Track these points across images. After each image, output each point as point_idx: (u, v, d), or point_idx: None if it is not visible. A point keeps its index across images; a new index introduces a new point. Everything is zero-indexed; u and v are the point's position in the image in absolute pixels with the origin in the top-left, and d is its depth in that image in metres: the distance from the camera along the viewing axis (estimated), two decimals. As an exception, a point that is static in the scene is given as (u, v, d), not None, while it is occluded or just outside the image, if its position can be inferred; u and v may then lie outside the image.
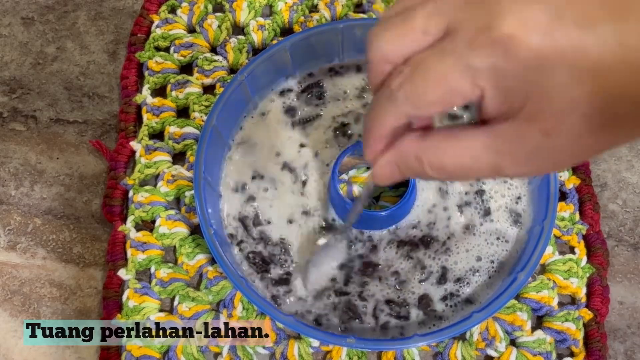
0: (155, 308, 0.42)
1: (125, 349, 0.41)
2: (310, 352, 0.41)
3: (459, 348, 0.41)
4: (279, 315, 0.37)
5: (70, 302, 0.43)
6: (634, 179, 0.46)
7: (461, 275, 0.41)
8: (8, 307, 0.43)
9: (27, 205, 0.46)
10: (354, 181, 0.45)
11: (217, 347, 0.41)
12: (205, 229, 0.39)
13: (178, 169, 0.45)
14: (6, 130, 0.48)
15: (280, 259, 0.41)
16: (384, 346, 0.39)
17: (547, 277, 0.42)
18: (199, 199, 0.40)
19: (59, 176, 0.47)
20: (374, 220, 0.41)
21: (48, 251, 0.44)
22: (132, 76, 0.48)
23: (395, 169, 0.28)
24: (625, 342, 0.42)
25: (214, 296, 0.42)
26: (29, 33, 0.51)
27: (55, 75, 0.50)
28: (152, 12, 0.51)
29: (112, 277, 0.42)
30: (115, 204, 0.44)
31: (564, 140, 0.24)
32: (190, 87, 0.48)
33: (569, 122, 0.23)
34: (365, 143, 0.29)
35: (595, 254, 0.43)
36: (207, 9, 0.51)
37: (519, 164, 0.25)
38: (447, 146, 0.26)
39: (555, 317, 0.41)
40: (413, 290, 0.40)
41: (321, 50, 0.45)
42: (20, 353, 0.42)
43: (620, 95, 0.23)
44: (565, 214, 0.44)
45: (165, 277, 0.42)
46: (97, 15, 0.52)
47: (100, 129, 0.48)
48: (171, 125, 0.47)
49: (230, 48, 0.49)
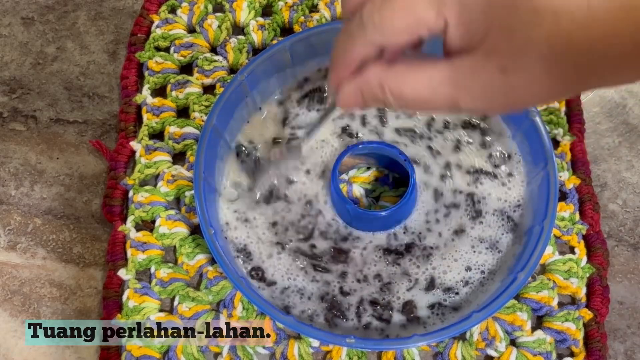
0: (155, 308, 0.42)
1: (125, 349, 0.41)
2: (310, 352, 0.41)
3: (459, 348, 0.41)
4: (279, 315, 0.37)
5: (70, 302, 0.43)
6: (634, 179, 0.46)
7: (451, 285, 0.41)
8: (8, 307, 0.43)
9: (27, 205, 0.46)
10: (353, 181, 0.45)
11: (217, 347, 0.41)
12: (205, 229, 0.39)
13: (178, 169, 0.45)
14: (6, 130, 0.48)
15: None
16: (384, 346, 0.39)
17: (547, 277, 0.42)
18: (199, 199, 0.40)
19: (59, 176, 0.47)
20: (374, 220, 0.41)
21: (48, 251, 0.45)
22: (132, 76, 0.48)
23: (358, 95, 0.29)
24: (625, 342, 0.42)
25: (214, 296, 0.42)
26: (29, 33, 0.51)
27: (55, 75, 0.50)
28: (152, 12, 0.51)
29: (112, 277, 0.42)
30: (115, 204, 0.44)
31: (521, 80, 0.24)
32: (190, 87, 0.48)
33: (526, 61, 0.24)
34: (332, 68, 0.29)
35: (595, 254, 0.43)
36: (207, 9, 0.51)
37: (474, 98, 0.26)
38: (408, 75, 0.27)
39: (555, 317, 0.41)
40: (398, 295, 0.40)
41: (321, 50, 0.45)
42: (20, 353, 0.42)
43: (581, 45, 0.23)
44: (565, 214, 0.44)
45: (165, 277, 0.42)
46: (97, 15, 0.52)
47: (100, 129, 0.48)
48: (171, 125, 0.47)
49: (230, 48, 0.49)
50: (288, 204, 0.43)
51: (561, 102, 0.47)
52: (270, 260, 0.41)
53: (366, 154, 0.44)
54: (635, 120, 0.48)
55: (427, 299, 0.40)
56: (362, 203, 0.44)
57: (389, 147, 0.42)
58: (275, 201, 0.43)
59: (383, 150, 0.42)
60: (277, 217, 0.43)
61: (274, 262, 0.41)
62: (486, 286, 0.40)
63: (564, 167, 0.45)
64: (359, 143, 0.42)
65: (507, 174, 0.43)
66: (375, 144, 0.42)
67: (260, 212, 0.43)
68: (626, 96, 0.49)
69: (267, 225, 0.42)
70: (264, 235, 0.42)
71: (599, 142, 0.48)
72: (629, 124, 0.48)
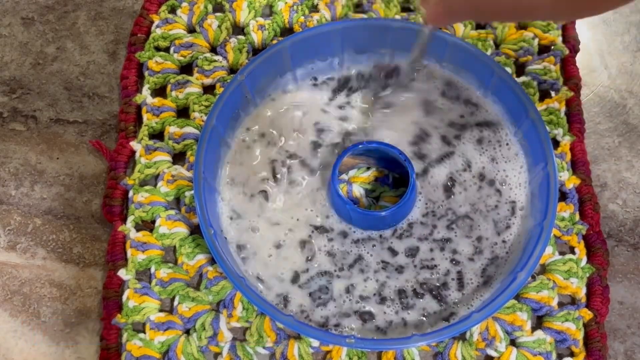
0: (155, 308, 0.42)
1: (125, 349, 0.41)
2: (310, 352, 0.41)
3: (459, 348, 0.41)
4: (279, 315, 0.37)
5: (70, 302, 0.43)
6: (634, 179, 0.46)
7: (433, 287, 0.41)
8: (8, 307, 0.43)
9: (27, 205, 0.46)
10: (353, 181, 0.45)
11: (217, 347, 0.41)
12: (205, 229, 0.39)
13: (178, 169, 0.45)
14: (6, 130, 0.48)
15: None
16: (384, 346, 0.39)
17: (547, 277, 0.42)
18: (199, 199, 0.40)
19: (59, 176, 0.47)
20: (374, 220, 0.41)
21: (48, 251, 0.45)
22: (132, 76, 0.48)
23: (440, 5, 0.28)
24: (625, 342, 0.42)
25: (214, 296, 0.42)
26: (29, 33, 0.51)
27: (55, 75, 0.50)
28: (152, 12, 0.51)
29: (112, 277, 0.42)
30: (115, 204, 0.44)
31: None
32: (190, 87, 0.48)
33: None
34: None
35: (595, 254, 0.43)
36: (207, 9, 0.51)
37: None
38: None
39: (555, 317, 0.41)
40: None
41: (321, 50, 0.45)
42: (20, 353, 0.42)
43: None
44: (565, 214, 0.44)
45: (165, 277, 0.42)
46: (97, 15, 0.52)
47: (100, 129, 0.48)
48: (171, 125, 0.47)
49: (230, 48, 0.49)
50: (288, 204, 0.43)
51: (561, 102, 0.47)
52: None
53: (366, 154, 0.44)
54: (635, 120, 0.48)
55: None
56: (362, 203, 0.44)
57: (389, 147, 0.42)
58: (274, 200, 0.43)
59: (383, 150, 0.42)
60: (277, 217, 0.43)
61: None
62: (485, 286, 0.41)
63: (564, 167, 0.45)
64: (359, 143, 0.42)
65: (506, 173, 0.43)
66: (375, 144, 0.42)
67: (261, 212, 0.43)
68: (626, 96, 0.49)
69: (267, 225, 0.42)
70: (264, 235, 0.42)
71: (599, 142, 0.48)
72: (629, 124, 0.48)
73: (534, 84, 0.47)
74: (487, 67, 0.43)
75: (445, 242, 0.42)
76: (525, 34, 0.49)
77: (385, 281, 0.41)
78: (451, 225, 0.42)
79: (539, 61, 0.48)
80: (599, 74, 0.50)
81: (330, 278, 0.41)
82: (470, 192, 0.43)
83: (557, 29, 0.49)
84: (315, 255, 0.42)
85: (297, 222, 0.42)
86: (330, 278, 0.41)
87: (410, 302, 0.40)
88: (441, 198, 0.43)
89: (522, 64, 0.49)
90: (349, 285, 0.41)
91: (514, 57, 0.48)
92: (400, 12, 0.50)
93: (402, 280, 0.41)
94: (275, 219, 0.43)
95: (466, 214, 0.42)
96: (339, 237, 0.42)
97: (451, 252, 0.41)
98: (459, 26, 0.49)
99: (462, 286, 0.41)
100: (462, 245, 0.42)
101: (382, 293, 0.40)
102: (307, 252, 0.42)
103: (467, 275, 0.41)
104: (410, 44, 0.38)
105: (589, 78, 0.50)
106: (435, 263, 0.41)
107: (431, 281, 0.41)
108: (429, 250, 0.42)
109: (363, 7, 0.51)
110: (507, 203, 0.42)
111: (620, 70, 0.50)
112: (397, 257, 0.41)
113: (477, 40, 0.49)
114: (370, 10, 0.50)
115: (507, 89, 0.43)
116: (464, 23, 0.49)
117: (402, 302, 0.40)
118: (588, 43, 0.51)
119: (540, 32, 0.49)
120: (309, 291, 0.41)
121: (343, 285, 0.41)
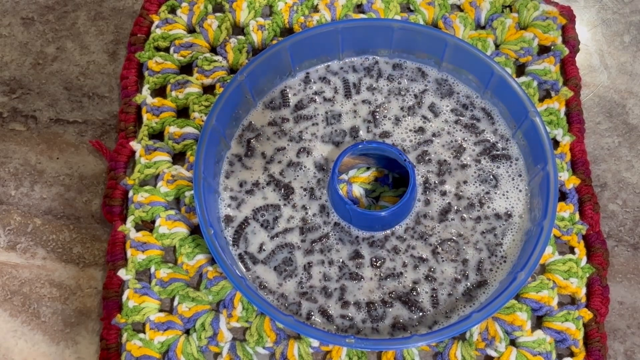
0: (155, 308, 0.42)
1: (125, 349, 0.41)
2: (310, 352, 0.41)
3: (459, 348, 0.41)
4: (279, 315, 0.37)
5: (70, 302, 0.43)
6: (634, 179, 0.46)
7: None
8: (8, 307, 0.43)
9: (27, 205, 0.46)
10: (353, 181, 0.45)
11: (217, 347, 0.41)
12: (205, 229, 0.39)
13: (178, 169, 0.45)
14: (6, 130, 0.48)
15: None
16: (383, 346, 0.39)
17: (547, 277, 0.42)
18: (199, 199, 0.40)
19: (59, 176, 0.47)
20: (374, 220, 0.41)
21: (48, 251, 0.45)
22: (132, 76, 0.48)
23: None
24: (625, 342, 0.42)
25: (214, 296, 0.42)
26: (29, 33, 0.51)
27: (55, 75, 0.50)
28: (152, 12, 0.51)
29: (112, 277, 0.43)
30: (115, 204, 0.44)
31: None
32: (190, 87, 0.48)
33: None
34: None
35: (595, 254, 0.43)
36: (207, 9, 0.51)
37: None
38: None
39: (555, 317, 0.41)
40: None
41: (321, 50, 0.45)
42: (20, 353, 0.42)
43: None
44: (565, 214, 0.44)
45: (165, 277, 0.42)
46: (97, 15, 0.52)
47: (100, 129, 0.48)
48: (171, 125, 0.47)
49: (230, 48, 0.49)
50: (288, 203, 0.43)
51: (561, 103, 0.47)
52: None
53: (366, 154, 0.44)
54: (635, 120, 0.48)
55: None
56: (362, 203, 0.44)
57: (389, 147, 0.42)
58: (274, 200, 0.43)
59: (383, 150, 0.42)
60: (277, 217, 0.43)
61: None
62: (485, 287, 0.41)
63: (564, 167, 0.45)
64: (359, 143, 0.42)
65: (506, 173, 0.43)
66: (375, 144, 0.42)
67: (261, 212, 0.43)
68: (626, 96, 0.49)
69: (267, 225, 0.42)
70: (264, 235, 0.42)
71: (599, 142, 0.48)
72: (629, 124, 0.48)
73: (534, 84, 0.47)
74: (487, 67, 0.43)
75: (455, 239, 0.42)
76: (525, 34, 0.49)
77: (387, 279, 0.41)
78: (457, 213, 0.42)
79: (539, 61, 0.48)
80: (598, 74, 0.50)
81: (330, 283, 0.41)
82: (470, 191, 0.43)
83: (557, 29, 0.49)
84: (314, 259, 0.42)
85: (297, 222, 0.42)
86: (329, 283, 0.41)
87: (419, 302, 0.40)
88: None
89: (522, 64, 0.49)
90: (356, 288, 0.41)
91: (514, 57, 0.49)
92: (400, 12, 0.50)
93: (402, 280, 0.41)
94: (275, 219, 0.43)
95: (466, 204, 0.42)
96: (338, 235, 0.42)
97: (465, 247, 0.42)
98: (459, 26, 0.49)
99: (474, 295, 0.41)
100: (472, 241, 0.42)
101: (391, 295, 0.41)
102: (307, 256, 0.42)
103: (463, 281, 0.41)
104: (410, 44, 0.38)
105: (589, 78, 0.50)
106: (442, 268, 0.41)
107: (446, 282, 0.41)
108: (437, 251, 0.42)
109: (363, 7, 0.51)
110: (507, 203, 0.42)
111: (620, 70, 0.50)
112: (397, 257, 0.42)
113: (477, 40, 0.49)
114: (370, 11, 0.50)
115: (507, 89, 0.43)
116: (464, 23, 0.49)
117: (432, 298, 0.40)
118: (588, 43, 0.51)
119: (540, 33, 0.49)
120: (306, 291, 0.41)
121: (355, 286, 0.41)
